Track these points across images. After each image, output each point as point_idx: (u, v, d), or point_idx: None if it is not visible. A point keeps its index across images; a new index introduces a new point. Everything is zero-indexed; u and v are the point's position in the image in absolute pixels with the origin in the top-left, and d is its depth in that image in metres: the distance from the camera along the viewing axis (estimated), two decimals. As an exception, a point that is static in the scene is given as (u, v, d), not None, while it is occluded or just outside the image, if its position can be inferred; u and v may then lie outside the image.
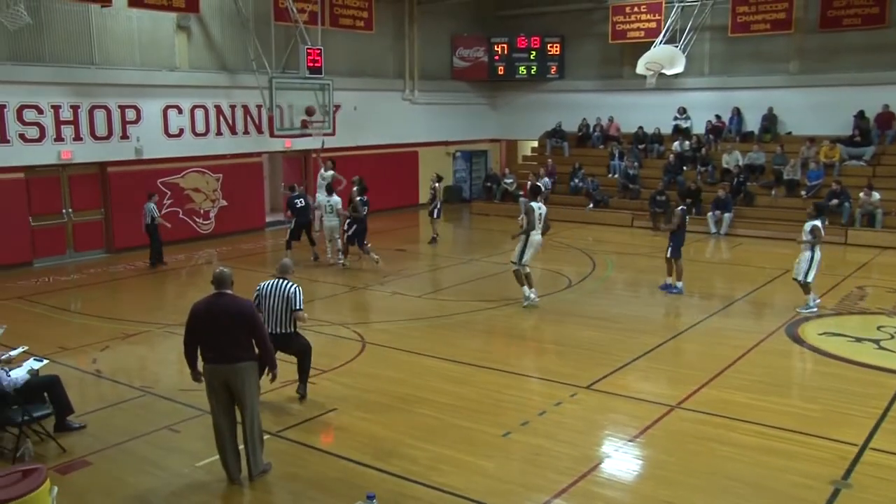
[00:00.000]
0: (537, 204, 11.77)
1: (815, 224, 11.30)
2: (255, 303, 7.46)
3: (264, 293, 7.67)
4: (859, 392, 8.22)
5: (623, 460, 6.74)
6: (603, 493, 6.10)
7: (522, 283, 11.82)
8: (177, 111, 17.54)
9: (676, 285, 12.65)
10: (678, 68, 19.70)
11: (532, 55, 24.38)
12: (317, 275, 14.44)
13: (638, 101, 22.85)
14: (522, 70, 24.59)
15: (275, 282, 7.72)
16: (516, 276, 11.87)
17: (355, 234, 14.69)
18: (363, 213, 14.54)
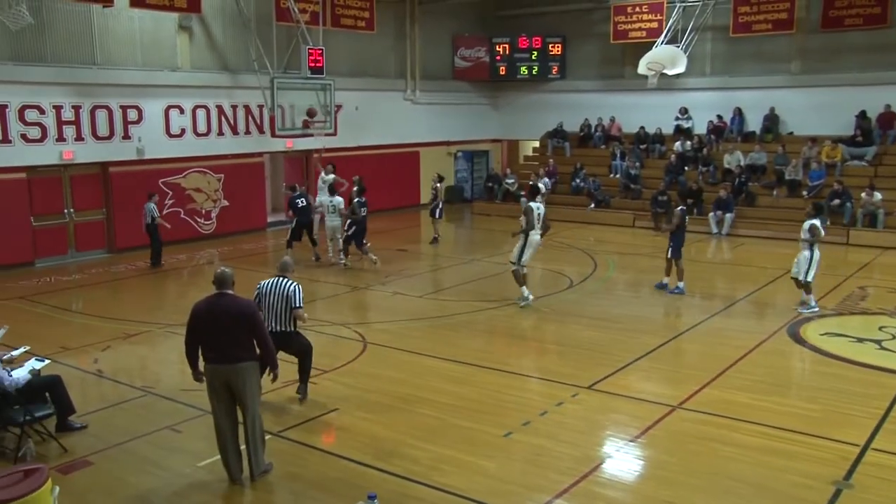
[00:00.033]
0: (536, 204, 11.82)
1: (813, 223, 11.30)
2: (256, 301, 7.49)
3: (264, 291, 7.70)
4: (861, 392, 8.21)
5: (624, 460, 6.74)
6: (604, 494, 6.09)
7: (521, 283, 11.84)
8: (178, 111, 17.55)
9: (678, 286, 12.64)
10: (680, 68, 19.66)
11: (533, 55, 24.36)
12: (318, 275, 14.45)
13: (639, 102, 22.84)
14: (524, 70, 24.57)
15: (275, 280, 7.75)
16: (515, 277, 11.88)
17: (354, 235, 14.72)
18: (360, 214, 14.56)
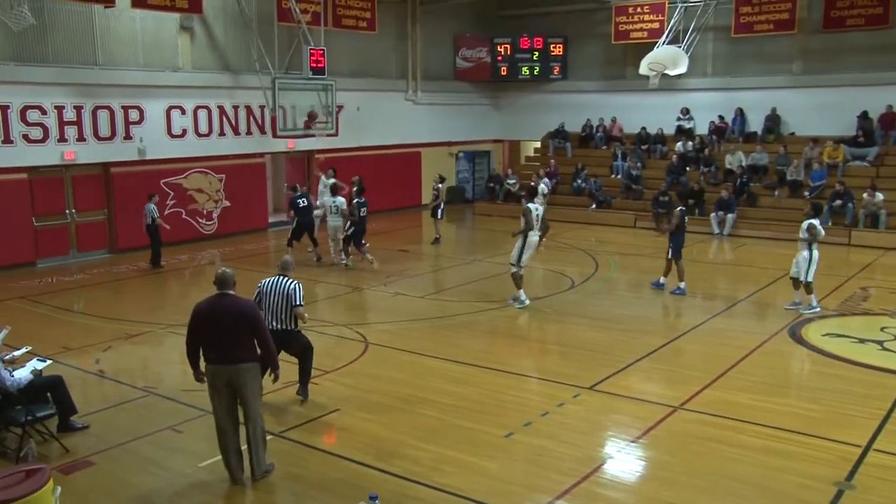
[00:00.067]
0: (534, 205, 11.85)
1: (811, 223, 11.28)
2: (256, 300, 7.51)
3: (265, 290, 7.71)
4: (862, 393, 8.20)
5: (626, 461, 6.73)
6: (606, 494, 6.09)
7: (520, 285, 11.85)
8: (180, 112, 17.56)
9: (679, 286, 12.63)
10: (681, 69, 19.65)
11: (535, 56, 24.35)
12: (320, 275, 14.45)
13: (641, 102, 22.83)
14: (525, 70, 24.56)
15: (275, 279, 7.77)
16: (514, 279, 11.88)
17: (353, 235, 14.76)
18: (359, 215, 14.59)
